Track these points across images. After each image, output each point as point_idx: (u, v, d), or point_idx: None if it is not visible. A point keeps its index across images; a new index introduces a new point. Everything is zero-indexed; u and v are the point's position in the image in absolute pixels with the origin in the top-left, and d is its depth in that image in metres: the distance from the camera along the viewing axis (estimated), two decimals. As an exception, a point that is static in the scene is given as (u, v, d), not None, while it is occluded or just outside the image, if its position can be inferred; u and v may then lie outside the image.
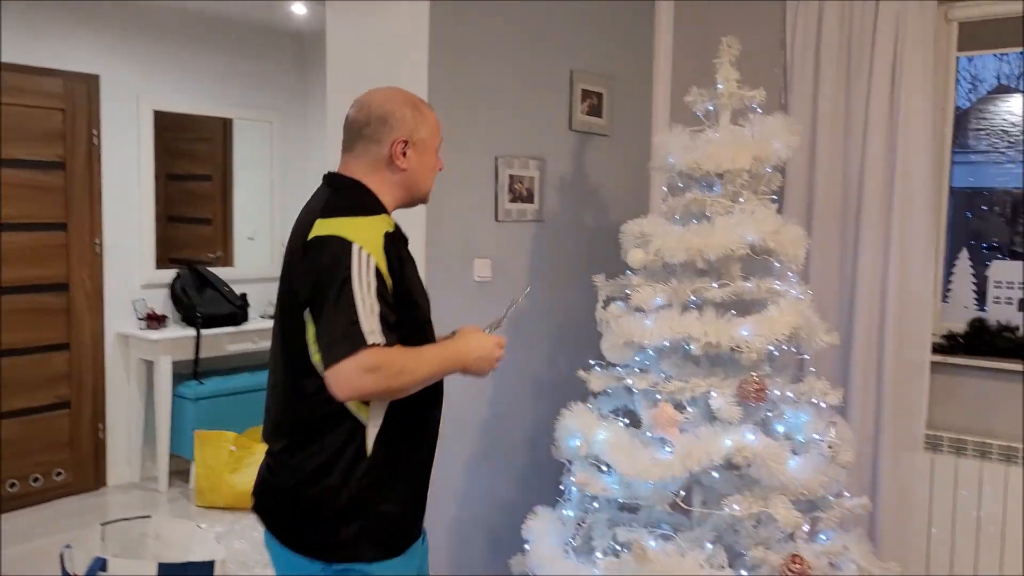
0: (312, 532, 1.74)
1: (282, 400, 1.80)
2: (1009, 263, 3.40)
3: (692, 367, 2.62)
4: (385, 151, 1.82)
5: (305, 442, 1.74)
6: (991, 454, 3.15)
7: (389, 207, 1.85)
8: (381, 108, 1.83)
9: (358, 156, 1.84)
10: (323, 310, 1.64)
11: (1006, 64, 6.07)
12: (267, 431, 1.87)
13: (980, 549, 3.17)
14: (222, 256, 5.43)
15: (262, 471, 1.86)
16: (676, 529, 2.61)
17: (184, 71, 5.04)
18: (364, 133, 1.83)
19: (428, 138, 1.86)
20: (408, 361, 1.67)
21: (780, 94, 3.48)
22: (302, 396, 1.74)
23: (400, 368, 1.65)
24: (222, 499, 4.40)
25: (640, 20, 3.73)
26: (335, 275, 1.63)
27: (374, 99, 1.85)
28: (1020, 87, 5.11)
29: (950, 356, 3.27)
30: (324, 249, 1.68)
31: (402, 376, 1.65)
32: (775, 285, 2.59)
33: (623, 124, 3.65)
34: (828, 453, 2.49)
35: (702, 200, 2.64)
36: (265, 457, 1.86)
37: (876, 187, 3.25)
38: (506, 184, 3.17)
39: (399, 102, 1.84)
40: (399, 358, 1.65)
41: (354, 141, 1.85)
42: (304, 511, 1.74)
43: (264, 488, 1.85)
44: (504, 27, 3.12)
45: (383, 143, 1.82)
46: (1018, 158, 4.88)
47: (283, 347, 1.80)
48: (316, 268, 1.67)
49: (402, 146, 1.82)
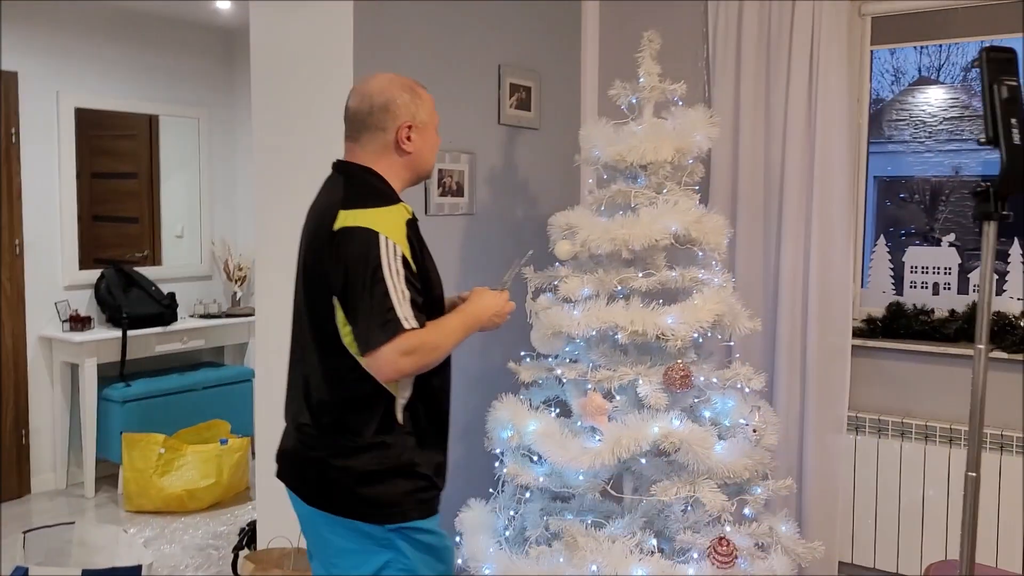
0: (363, 499, 1.86)
1: (317, 379, 1.90)
2: (924, 249, 3.53)
3: (620, 356, 2.66)
4: (391, 137, 1.93)
5: (344, 418, 1.87)
6: (910, 434, 3.26)
7: (398, 189, 1.96)
8: (381, 96, 1.92)
9: (364, 144, 1.94)
10: (358, 300, 1.77)
11: (926, 56, 6.30)
12: (294, 407, 1.97)
13: (902, 527, 3.28)
14: (149, 255, 5.30)
15: (294, 446, 1.96)
16: (607, 517, 2.65)
17: (107, 67, 4.91)
18: (368, 122, 1.93)
19: (428, 119, 1.97)
20: (438, 337, 1.83)
21: (704, 87, 3.55)
22: (336, 375, 1.87)
23: (433, 345, 1.81)
24: (151, 503, 4.31)
25: (567, 14, 3.75)
26: (367, 266, 1.76)
27: (372, 88, 1.95)
28: (939, 79, 5.30)
29: (870, 340, 3.38)
30: (352, 240, 1.79)
31: (436, 351, 1.83)
32: (699, 274, 2.65)
33: (552, 118, 3.67)
34: (753, 437, 2.55)
35: (627, 192, 2.68)
36: (294, 432, 1.97)
37: (797, 177, 3.34)
38: (435, 178, 3.16)
39: (397, 88, 1.94)
40: (431, 336, 1.80)
41: (359, 131, 1.94)
42: (354, 480, 1.86)
43: (302, 462, 1.94)
44: (431, 21, 3.12)
45: (388, 130, 1.92)
46: (936, 147, 5.06)
47: (313, 330, 1.90)
48: (346, 259, 1.78)
49: (407, 130, 1.93)
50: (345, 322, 1.83)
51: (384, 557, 1.88)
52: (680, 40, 3.55)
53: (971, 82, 4.96)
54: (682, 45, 3.55)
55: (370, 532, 1.87)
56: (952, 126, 4.64)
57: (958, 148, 4.71)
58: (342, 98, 2.92)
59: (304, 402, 1.94)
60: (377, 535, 1.87)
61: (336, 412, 1.88)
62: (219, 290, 5.49)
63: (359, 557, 1.90)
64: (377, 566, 1.88)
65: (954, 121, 4.77)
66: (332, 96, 2.87)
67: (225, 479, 4.40)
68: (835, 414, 3.35)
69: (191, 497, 4.31)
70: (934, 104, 4.98)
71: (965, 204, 5.07)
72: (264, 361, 3.17)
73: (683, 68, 3.47)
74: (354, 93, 1.98)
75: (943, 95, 4.96)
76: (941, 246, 3.46)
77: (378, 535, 1.87)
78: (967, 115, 4.90)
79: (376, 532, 1.87)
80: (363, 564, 1.89)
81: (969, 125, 4.86)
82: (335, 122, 2.90)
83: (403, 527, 1.88)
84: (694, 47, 3.59)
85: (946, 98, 5.00)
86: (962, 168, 4.83)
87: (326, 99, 2.91)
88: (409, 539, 1.89)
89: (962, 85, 4.71)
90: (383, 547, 1.88)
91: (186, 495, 4.30)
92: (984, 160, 4.70)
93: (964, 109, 4.94)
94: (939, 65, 6.25)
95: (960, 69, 5.12)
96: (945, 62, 5.01)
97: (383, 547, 1.88)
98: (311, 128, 2.98)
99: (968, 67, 4.71)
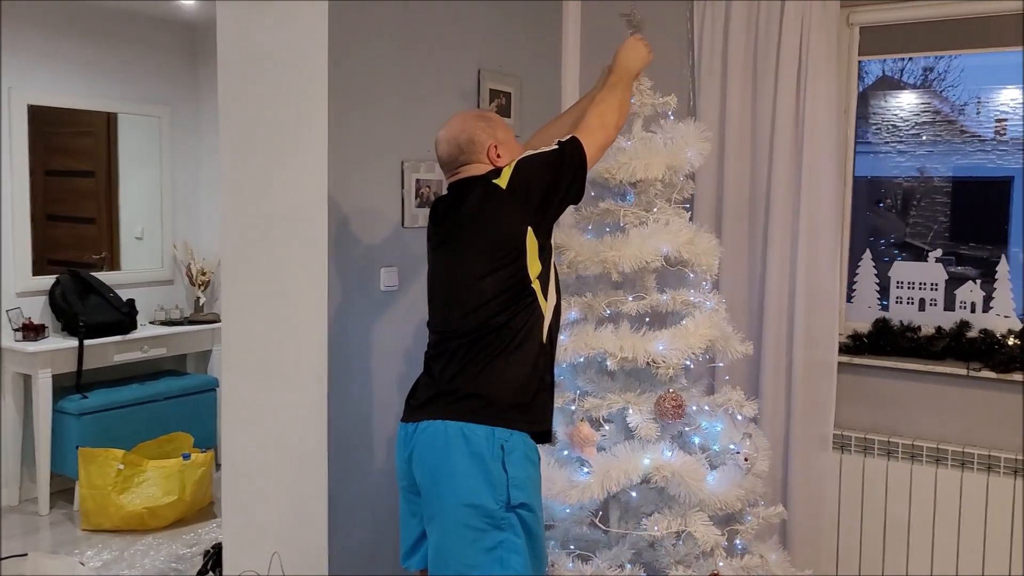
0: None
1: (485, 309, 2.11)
2: (910, 264, 3.47)
3: (608, 381, 2.56)
4: (484, 158, 2.21)
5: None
6: (896, 453, 3.21)
7: None
8: (464, 134, 2.22)
9: (471, 167, 2.22)
10: (549, 172, 2.15)
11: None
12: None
13: (887, 547, 3.23)
14: (107, 258, 5.09)
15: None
16: (593, 548, 2.54)
17: (62, 63, 4.69)
18: (462, 159, 2.23)
19: (505, 134, 2.26)
20: (607, 110, 2.30)
21: (689, 96, 3.45)
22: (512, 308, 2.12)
23: (604, 113, 2.29)
24: (110, 521, 4.13)
25: (548, 18, 3.63)
26: (542, 164, 2.17)
27: (453, 132, 2.24)
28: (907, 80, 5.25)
29: (856, 356, 3.32)
30: (517, 169, 2.16)
31: (610, 113, 2.30)
32: (690, 296, 2.55)
33: (533, 126, 3.53)
34: (745, 465, 2.46)
35: (616, 210, 2.57)
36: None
37: (783, 190, 3.26)
38: (413, 189, 3.03)
39: (472, 121, 2.24)
40: (600, 116, 2.29)
41: (460, 166, 2.24)
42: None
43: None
44: (409, 25, 2.98)
45: (480, 155, 2.22)
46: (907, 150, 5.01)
47: (495, 282, 2.10)
48: (526, 177, 2.14)
49: (495, 150, 2.21)
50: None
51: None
52: (665, 46, 3.44)
53: (932, 83, 4.91)
54: (667, 51, 3.44)
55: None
56: (922, 129, 4.60)
57: (928, 151, 4.67)
58: (316, 99, 2.82)
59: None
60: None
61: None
62: (181, 295, 5.29)
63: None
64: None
65: (925, 126, 4.74)
66: (305, 97, 2.74)
67: (188, 495, 4.23)
68: (821, 432, 3.28)
69: (152, 515, 4.14)
70: (906, 108, 4.94)
71: (936, 208, 5.02)
72: (231, 369, 3.02)
73: (668, 76, 3.36)
74: (440, 143, 2.25)
75: (913, 99, 4.92)
76: (927, 261, 3.40)
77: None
78: (938, 120, 4.87)
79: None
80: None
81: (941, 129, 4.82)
82: (307, 122, 2.79)
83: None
84: (679, 54, 3.49)
85: (916, 102, 4.95)
86: (926, 170, 4.78)
87: (298, 100, 2.77)
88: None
89: (925, 87, 4.67)
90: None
91: (147, 513, 4.13)
92: (954, 165, 4.67)
93: (935, 114, 4.91)
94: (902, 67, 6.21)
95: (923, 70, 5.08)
96: (908, 63, 4.96)
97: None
98: (282, 128, 2.83)
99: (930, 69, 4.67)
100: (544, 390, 2.15)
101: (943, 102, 4.79)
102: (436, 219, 2.29)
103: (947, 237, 4.48)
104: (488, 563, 2.00)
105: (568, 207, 2.27)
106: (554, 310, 2.20)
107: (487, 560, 2.00)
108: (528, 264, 2.10)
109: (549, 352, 2.18)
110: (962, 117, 4.56)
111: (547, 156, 2.17)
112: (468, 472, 2.01)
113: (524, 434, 2.08)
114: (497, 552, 2.00)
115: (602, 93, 2.37)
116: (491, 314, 2.08)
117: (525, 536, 2.03)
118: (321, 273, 2.75)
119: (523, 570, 2.01)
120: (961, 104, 4.54)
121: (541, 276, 2.13)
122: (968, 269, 3.72)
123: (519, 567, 2.00)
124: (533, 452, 2.12)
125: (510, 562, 2.00)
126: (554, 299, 2.20)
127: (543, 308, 2.14)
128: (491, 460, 2.01)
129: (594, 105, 2.32)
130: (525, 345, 2.10)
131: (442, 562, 2.05)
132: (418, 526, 2.19)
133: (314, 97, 2.72)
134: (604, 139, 2.26)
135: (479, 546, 2.00)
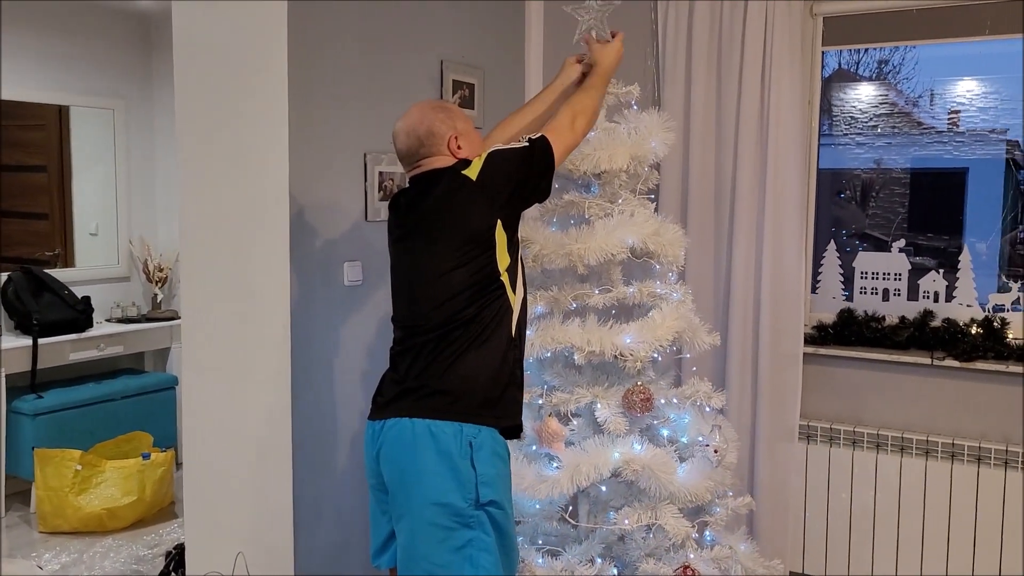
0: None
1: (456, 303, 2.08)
2: (874, 255, 3.49)
3: (576, 375, 2.53)
4: (445, 150, 2.18)
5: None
6: (862, 442, 3.23)
7: None
8: (423, 126, 2.17)
9: (432, 159, 2.18)
10: (519, 169, 2.12)
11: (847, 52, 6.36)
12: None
13: (853, 535, 3.25)
14: (61, 254, 4.96)
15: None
16: (563, 543, 2.52)
17: (12, 55, 4.54)
18: (422, 152, 2.18)
19: (464, 124, 2.22)
20: (580, 114, 2.26)
21: (653, 88, 3.43)
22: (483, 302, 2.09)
23: (576, 116, 2.25)
24: (67, 523, 4.02)
25: (511, 9, 3.59)
26: (512, 159, 2.14)
27: (411, 123, 2.19)
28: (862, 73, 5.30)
29: (821, 347, 3.33)
30: (488, 162, 2.12)
31: (581, 118, 2.26)
32: (656, 288, 2.53)
33: (497, 117, 3.49)
34: (715, 458, 2.46)
35: (580, 202, 2.55)
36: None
37: (748, 180, 3.26)
38: (376, 182, 2.98)
39: (430, 113, 2.19)
40: (571, 118, 2.24)
41: (420, 159, 2.20)
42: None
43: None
44: (371, 15, 2.92)
45: (440, 146, 2.18)
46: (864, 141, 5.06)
47: (463, 276, 2.06)
48: (496, 171, 2.10)
49: (455, 141, 2.17)
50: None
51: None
52: (629, 35, 3.39)
53: (887, 75, 4.99)
54: (631, 40, 3.40)
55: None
56: (879, 121, 4.65)
57: (887, 143, 4.73)
58: (276, 91, 2.76)
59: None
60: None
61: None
62: (138, 292, 5.17)
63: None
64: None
65: (883, 118, 4.79)
66: (265, 88, 2.67)
67: (148, 496, 4.14)
68: (787, 423, 3.29)
69: (111, 516, 4.04)
70: (864, 100, 4.99)
71: (895, 199, 5.10)
72: (192, 367, 2.94)
73: (632, 65, 3.34)
74: (399, 135, 2.21)
75: (871, 91, 4.98)
76: (890, 251, 3.43)
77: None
78: (895, 112, 4.95)
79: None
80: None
81: (898, 121, 4.90)
82: (267, 114, 2.72)
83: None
84: (643, 43, 3.47)
85: (874, 94, 5.02)
86: (884, 162, 4.85)
87: (258, 92, 2.70)
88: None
89: (880, 79, 4.72)
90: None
91: (106, 514, 4.03)
92: (911, 157, 4.73)
93: (892, 107, 4.98)
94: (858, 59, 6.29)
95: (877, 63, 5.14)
96: (864, 55, 5.01)
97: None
98: (241, 121, 2.75)
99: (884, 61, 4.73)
100: (513, 384, 2.12)
101: (898, 94, 4.84)
102: (398, 212, 2.25)
103: (906, 228, 4.52)
104: (457, 562, 1.96)
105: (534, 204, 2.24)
106: (522, 303, 2.17)
107: (456, 559, 1.96)
108: (497, 257, 2.07)
109: (518, 346, 2.15)
110: (916, 109, 4.60)
111: (517, 152, 2.15)
112: (436, 471, 1.97)
113: (493, 430, 2.05)
114: (466, 551, 1.97)
115: (579, 95, 2.33)
116: (459, 308, 2.04)
117: (495, 534, 2.00)
118: (283, 268, 2.69)
119: (493, 569, 1.98)
120: (915, 96, 4.58)
121: (510, 269, 2.10)
122: (927, 259, 3.76)
123: (489, 566, 1.98)
124: (502, 448, 2.09)
125: (480, 561, 1.97)
126: (522, 292, 2.17)
127: (512, 301, 2.11)
128: (459, 458, 1.98)
129: (568, 106, 2.28)
130: (494, 338, 2.06)
131: (411, 562, 2.01)
132: (388, 524, 2.15)
133: (274, 89, 2.66)
134: (572, 142, 2.25)
135: (448, 545, 1.96)
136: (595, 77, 2.39)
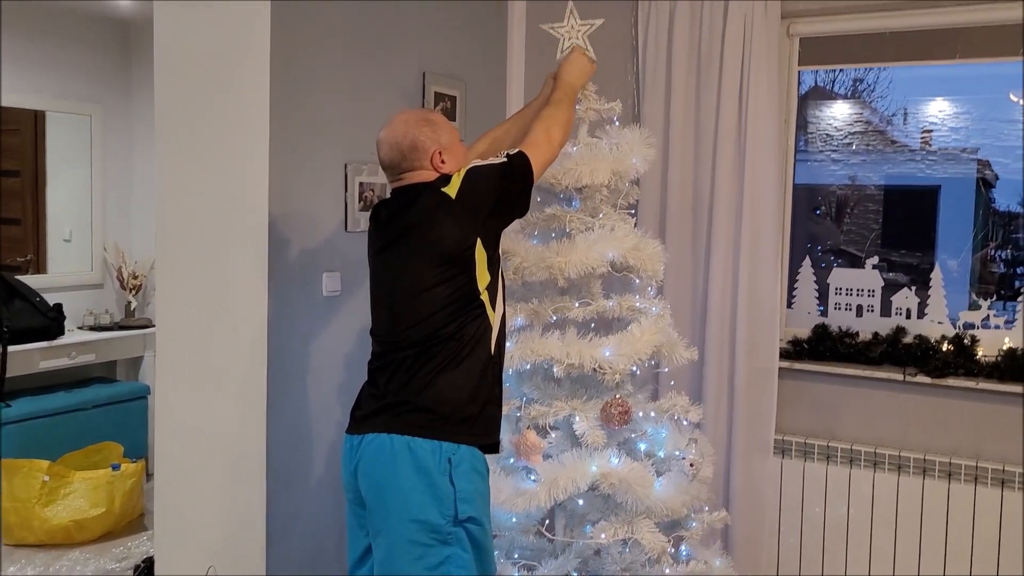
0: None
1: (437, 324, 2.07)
2: (848, 271, 3.53)
3: (554, 388, 2.54)
4: (428, 164, 2.16)
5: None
6: (836, 457, 3.25)
7: None
8: (406, 139, 2.15)
9: (412, 178, 2.17)
10: (498, 184, 2.13)
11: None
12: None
13: (827, 550, 3.27)
14: (33, 260, 4.90)
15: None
16: (539, 556, 2.52)
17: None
18: (404, 165, 2.16)
19: (449, 137, 2.20)
20: (552, 126, 2.27)
21: (633, 102, 3.46)
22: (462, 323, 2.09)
23: (550, 129, 2.27)
24: (34, 536, 3.95)
25: (493, 22, 3.61)
26: (491, 175, 2.14)
27: (395, 135, 2.16)
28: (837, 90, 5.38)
29: (796, 362, 3.36)
30: (467, 179, 2.12)
31: (556, 129, 2.28)
32: (636, 302, 2.55)
33: (479, 130, 3.49)
34: (691, 472, 2.47)
35: (562, 216, 2.56)
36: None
37: (726, 196, 3.29)
38: (356, 192, 2.97)
39: (414, 125, 2.16)
40: (545, 131, 2.26)
41: (402, 172, 2.18)
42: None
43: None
44: (354, 26, 2.92)
45: (424, 161, 2.15)
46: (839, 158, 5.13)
47: (443, 293, 2.06)
48: (475, 189, 2.10)
49: (439, 156, 2.15)
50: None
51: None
52: (609, 52, 3.44)
53: (862, 94, 5.07)
54: (611, 58, 3.45)
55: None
56: (853, 139, 4.72)
57: (862, 160, 4.79)
58: (257, 100, 2.75)
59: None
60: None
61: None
62: (111, 300, 5.11)
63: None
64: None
65: (857, 135, 4.86)
66: (246, 97, 2.66)
67: (117, 508, 4.08)
68: (762, 437, 3.31)
69: (79, 528, 3.97)
70: (839, 118, 5.07)
71: (869, 216, 5.16)
72: (165, 376, 2.91)
73: (613, 82, 3.37)
74: (382, 145, 2.18)
75: (846, 109, 5.04)
76: (864, 268, 3.47)
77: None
78: (869, 130, 5.01)
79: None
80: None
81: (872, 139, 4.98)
82: (248, 123, 2.71)
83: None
84: (623, 60, 3.49)
85: (849, 112, 5.09)
86: (858, 178, 4.91)
87: (239, 100, 2.69)
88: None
89: (855, 97, 4.79)
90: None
91: (73, 526, 3.96)
92: (885, 174, 4.79)
93: (867, 124, 5.05)
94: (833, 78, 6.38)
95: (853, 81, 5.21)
96: (840, 73, 5.08)
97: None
98: (221, 129, 2.74)
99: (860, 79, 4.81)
100: (492, 402, 2.12)
101: (873, 113, 4.91)
102: (379, 224, 2.24)
103: (879, 244, 4.58)
104: None
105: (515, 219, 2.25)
106: (501, 320, 2.17)
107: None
108: (477, 276, 2.07)
109: (497, 363, 2.15)
110: (890, 128, 4.67)
111: (496, 168, 2.15)
112: (414, 487, 1.97)
113: (472, 447, 2.05)
114: (444, 568, 1.96)
115: (547, 109, 2.35)
116: (439, 325, 2.04)
117: (473, 550, 1.99)
118: (261, 277, 2.67)
119: None
120: (889, 115, 4.65)
121: (490, 287, 2.10)
122: (900, 276, 3.81)
123: None
124: (481, 464, 2.08)
125: None
126: (501, 309, 2.17)
127: (491, 319, 2.11)
128: (438, 474, 1.97)
129: (539, 120, 2.30)
130: (473, 356, 2.06)
131: None
132: (365, 538, 2.14)
133: (255, 98, 2.65)
134: (549, 155, 2.26)
135: (425, 563, 1.96)
136: (559, 91, 2.41)
